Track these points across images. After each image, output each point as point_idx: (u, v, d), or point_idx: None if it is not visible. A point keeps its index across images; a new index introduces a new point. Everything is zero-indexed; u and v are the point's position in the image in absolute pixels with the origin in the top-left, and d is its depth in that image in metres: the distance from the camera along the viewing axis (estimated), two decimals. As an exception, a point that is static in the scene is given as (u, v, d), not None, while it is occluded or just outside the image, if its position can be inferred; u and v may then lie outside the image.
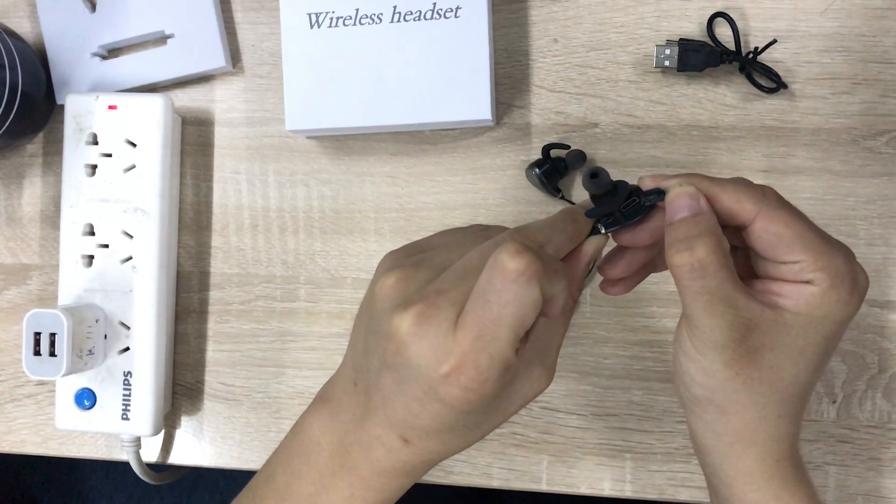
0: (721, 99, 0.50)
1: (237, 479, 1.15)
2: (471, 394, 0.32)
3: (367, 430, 0.36)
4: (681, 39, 0.49)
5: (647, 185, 0.35)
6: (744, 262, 0.37)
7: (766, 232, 0.33)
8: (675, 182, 0.35)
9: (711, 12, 0.49)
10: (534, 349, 0.35)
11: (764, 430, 0.36)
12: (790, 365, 0.34)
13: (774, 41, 0.48)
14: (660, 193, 0.35)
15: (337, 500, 0.37)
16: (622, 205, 0.35)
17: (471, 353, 0.31)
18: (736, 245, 0.37)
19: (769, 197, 0.34)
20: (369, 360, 0.35)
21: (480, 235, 0.37)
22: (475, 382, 0.32)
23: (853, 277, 0.34)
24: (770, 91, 0.48)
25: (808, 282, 0.33)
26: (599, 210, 0.35)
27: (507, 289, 0.31)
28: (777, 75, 0.48)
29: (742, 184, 0.34)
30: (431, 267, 0.34)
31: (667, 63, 0.48)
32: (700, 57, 0.48)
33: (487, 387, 0.32)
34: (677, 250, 0.33)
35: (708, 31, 0.49)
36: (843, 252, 0.34)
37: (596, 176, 0.34)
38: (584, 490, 0.51)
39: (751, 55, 0.48)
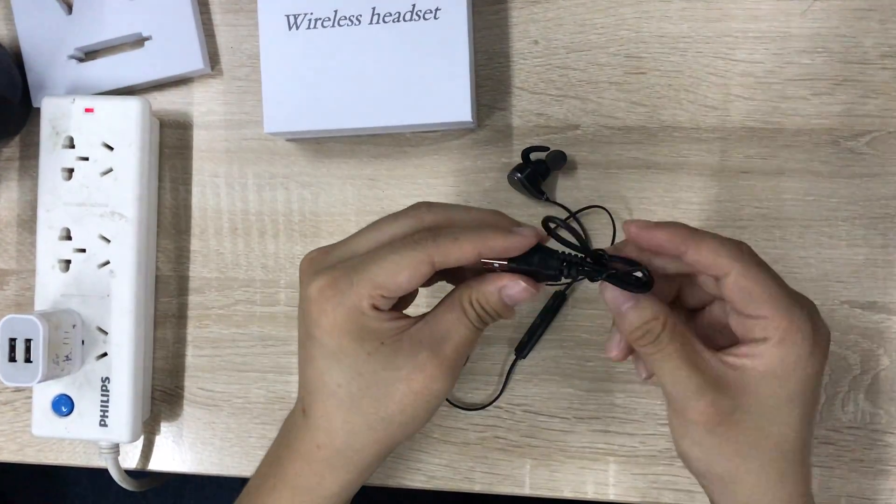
0: (702, 100, 0.49)
1: (224, 486, 1.15)
2: (324, 317, 0.35)
3: (293, 408, 0.40)
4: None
5: (633, 232, 0.35)
6: (705, 333, 0.39)
7: (738, 286, 0.34)
8: (635, 233, 0.36)
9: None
10: (427, 332, 0.36)
11: (771, 493, 0.36)
12: (769, 424, 0.35)
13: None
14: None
15: (264, 491, 0.40)
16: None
17: (336, 278, 0.35)
18: (704, 301, 0.39)
19: (745, 253, 0.35)
20: (300, 335, 0.38)
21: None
22: (329, 303, 0.35)
23: (813, 333, 0.35)
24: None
25: (765, 339, 0.34)
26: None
27: (396, 245, 0.35)
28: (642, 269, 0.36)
29: (719, 240, 0.35)
30: (341, 245, 0.38)
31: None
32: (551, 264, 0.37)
33: (339, 312, 0.35)
34: (633, 334, 0.35)
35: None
36: (806, 309, 0.35)
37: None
38: (567, 494, 0.50)
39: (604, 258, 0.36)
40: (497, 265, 0.35)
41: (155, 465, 0.55)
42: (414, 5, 0.48)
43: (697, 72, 0.49)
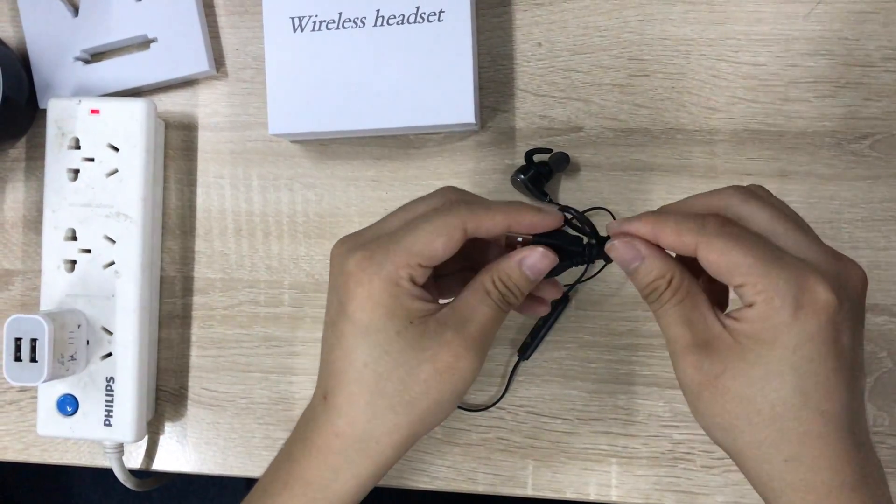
0: (705, 103, 0.50)
1: (227, 486, 1.15)
2: (360, 289, 0.36)
3: (312, 399, 0.40)
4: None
5: (613, 234, 0.37)
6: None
7: (707, 261, 0.34)
8: (615, 231, 0.37)
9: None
10: (452, 314, 0.37)
11: (780, 476, 0.34)
12: (759, 396, 0.34)
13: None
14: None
15: (277, 488, 0.39)
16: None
17: (372, 250, 0.36)
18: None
19: (709, 225, 0.34)
20: (328, 317, 0.38)
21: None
22: (365, 274, 0.36)
23: (799, 296, 0.33)
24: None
25: (752, 305, 0.33)
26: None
27: (429, 214, 0.36)
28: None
29: (682, 217, 0.35)
30: (372, 227, 0.38)
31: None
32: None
33: (375, 283, 0.35)
34: (642, 291, 0.36)
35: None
36: (791, 272, 0.33)
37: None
38: (569, 495, 0.50)
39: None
40: (520, 239, 0.38)
41: (159, 465, 0.55)
42: (418, 8, 0.48)
43: (700, 74, 0.50)
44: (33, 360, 0.48)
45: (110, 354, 0.51)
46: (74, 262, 0.51)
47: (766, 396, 0.33)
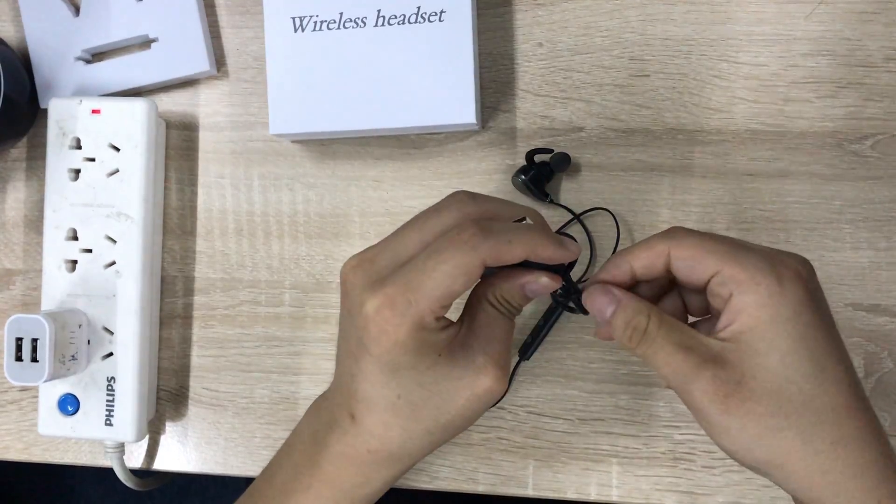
0: (706, 103, 0.49)
1: (228, 485, 1.15)
2: (384, 337, 0.35)
3: (330, 411, 0.39)
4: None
5: (589, 285, 0.38)
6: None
7: (680, 259, 0.35)
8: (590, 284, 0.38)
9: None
10: (473, 337, 0.37)
11: (820, 466, 0.33)
12: (782, 381, 0.33)
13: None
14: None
15: (298, 489, 0.40)
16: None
17: (393, 297, 0.34)
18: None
19: (675, 230, 0.36)
20: (345, 344, 0.38)
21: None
22: (389, 324, 0.34)
23: (775, 269, 0.33)
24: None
25: (730, 295, 0.33)
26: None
27: (448, 249, 0.34)
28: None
29: (649, 238, 0.36)
30: (384, 250, 0.37)
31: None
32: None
33: (401, 331, 0.34)
34: (623, 335, 0.36)
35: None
36: (760, 251, 0.34)
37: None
38: (570, 495, 0.50)
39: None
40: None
41: (160, 464, 0.55)
42: (419, 8, 0.48)
43: (701, 74, 0.50)
44: (34, 359, 0.48)
45: (111, 354, 0.51)
46: (75, 261, 0.51)
47: (791, 379, 0.33)
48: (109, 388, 0.51)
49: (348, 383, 0.38)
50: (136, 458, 0.55)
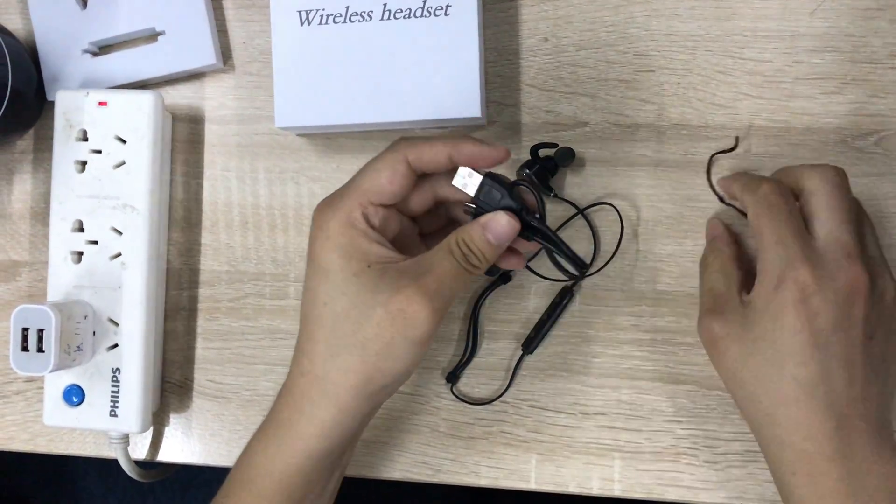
0: (711, 99, 0.50)
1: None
2: (319, 233, 0.39)
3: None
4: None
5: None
6: None
7: (749, 218, 0.43)
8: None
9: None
10: (412, 265, 0.38)
11: (759, 431, 0.42)
12: (748, 357, 0.40)
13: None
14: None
15: (256, 434, 0.42)
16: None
17: (330, 199, 0.40)
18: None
19: (760, 190, 0.42)
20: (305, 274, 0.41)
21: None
22: (323, 218, 0.39)
23: (781, 273, 0.39)
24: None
25: (757, 276, 0.41)
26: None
27: (378, 157, 0.40)
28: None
29: (751, 176, 0.45)
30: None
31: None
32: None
33: (332, 225, 0.38)
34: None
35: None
36: (787, 252, 0.39)
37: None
38: (572, 489, 0.51)
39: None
40: (473, 208, 0.41)
41: (164, 456, 0.55)
42: (425, 2, 0.49)
43: (706, 70, 0.50)
44: (40, 350, 0.48)
45: (116, 345, 0.51)
46: (81, 253, 0.52)
47: (755, 357, 0.40)
48: (114, 379, 0.51)
49: (301, 308, 0.41)
50: (140, 450, 0.55)
